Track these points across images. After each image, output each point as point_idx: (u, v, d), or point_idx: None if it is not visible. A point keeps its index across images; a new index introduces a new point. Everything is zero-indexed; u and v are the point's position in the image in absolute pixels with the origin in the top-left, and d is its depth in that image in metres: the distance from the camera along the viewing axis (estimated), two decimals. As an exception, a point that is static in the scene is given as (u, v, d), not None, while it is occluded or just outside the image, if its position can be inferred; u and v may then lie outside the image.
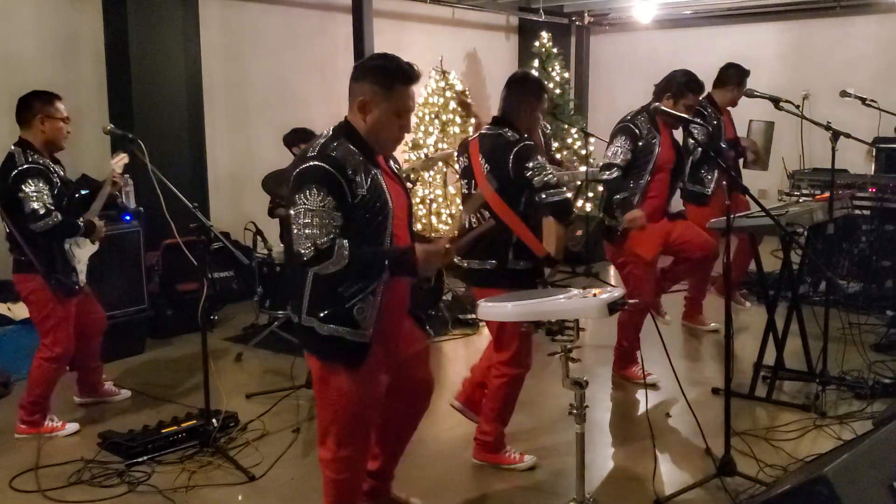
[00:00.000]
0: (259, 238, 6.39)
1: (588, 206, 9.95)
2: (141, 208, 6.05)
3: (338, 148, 2.80)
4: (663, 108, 3.87)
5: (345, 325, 2.86)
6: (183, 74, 7.18)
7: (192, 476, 4.00)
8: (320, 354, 2.94)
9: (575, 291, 2.94)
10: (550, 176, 3.75)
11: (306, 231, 2.72)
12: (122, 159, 4.79)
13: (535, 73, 4.27)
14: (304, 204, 2.72)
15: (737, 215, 4.66)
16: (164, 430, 4.33)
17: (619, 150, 4.94)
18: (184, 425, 4.39)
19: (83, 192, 4.82)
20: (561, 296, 2.89)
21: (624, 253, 5.05)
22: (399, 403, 3.29)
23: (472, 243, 3.38)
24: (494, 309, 2.91)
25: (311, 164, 2.76)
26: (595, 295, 2.79)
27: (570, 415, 2.94)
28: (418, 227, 8.27)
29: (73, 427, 4.61)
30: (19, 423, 4.55)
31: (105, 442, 4.31)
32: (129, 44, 6.77)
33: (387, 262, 2.80)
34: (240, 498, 3.83)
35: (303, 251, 2.73)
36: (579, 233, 8.72)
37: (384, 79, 2.85)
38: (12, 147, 4.46)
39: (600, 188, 10.35)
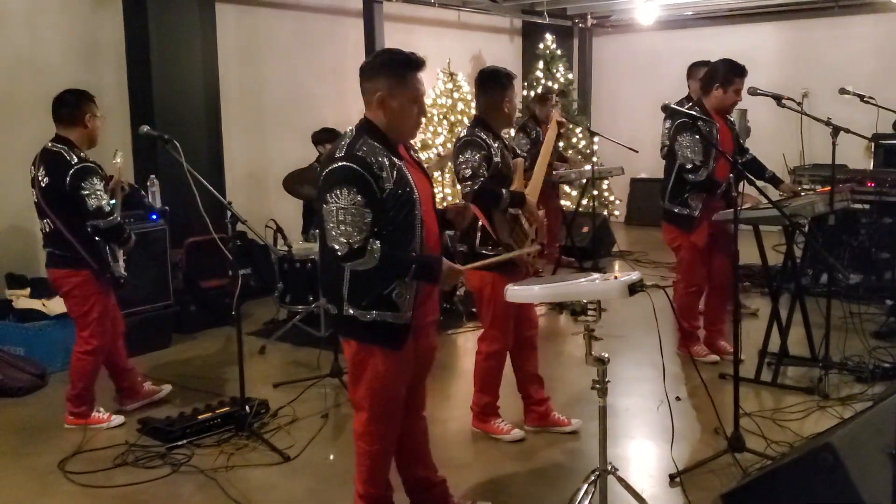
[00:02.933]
0: (279, 235, 6.59)
1: (595, 204, 10.19)
2: (167, 207, 6.26)
3: (363, 146, 2.96)
4: (673, 105, 4.08)
5: (387, 310, 3.04)
6: (201, 78, 7.40)
7: (231, 458, 4.22)
8: (362, 339, 3.11)
9: (596, 275, 3.15)
10: (466, 169, 4.06)
11: (340, 228, 2.90)
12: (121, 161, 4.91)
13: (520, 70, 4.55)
14: (336, 202, 2.90)
15: (742, 208, 4.89)
16: (200, 417, 4.54)
17: (695, 148, 5.24)
18: (218, 412, 4.61)
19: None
20: (583, 279, 3.10)
21: (682, 238, 5.49)
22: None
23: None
24: (522, 292, 3.13)
25: (340, 164, 2.93)
26: (616, 278, 3.00)
27: (592, 389, 3.14)
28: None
29: (118, 419, 4.76)
30: (68, 415, 4.72)
31: (145, 427, 4.53)
32: (150, 48, 7.00)
33: (413, 268, 3.01)
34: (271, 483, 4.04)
35: (337, 247, 2.92)
36: (585, 229, 8.93)
37: (396, 70, 3.02)
38: (53, 145, 4.53)
39: (605, 185, 10.65)
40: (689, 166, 5.30)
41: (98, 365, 4.76)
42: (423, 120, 3.19)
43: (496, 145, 4.19)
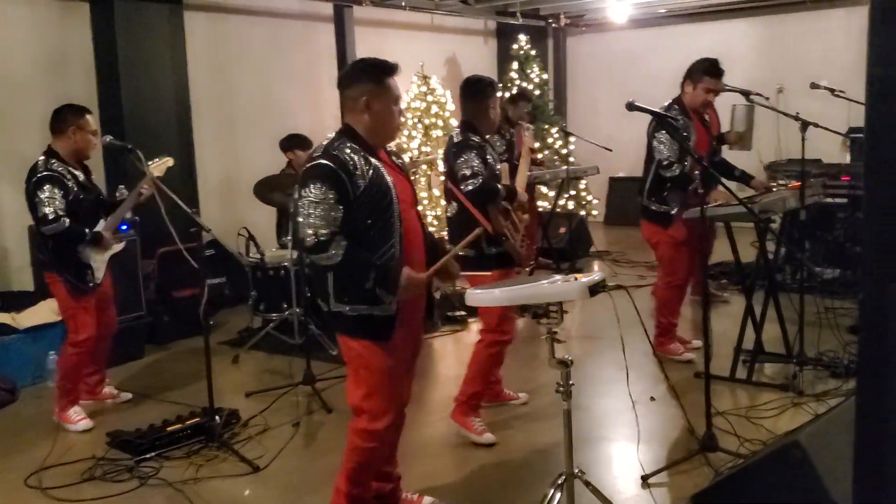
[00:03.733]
0: (252, 243, 6.55)
1: (571, 205, 10.20)
2: (137, 218, 6.19)
3: (340, 147, 3.10)
4: (636, 103, 4.06)
5: (371, 304, 3.12)
6: (171, 86, 7.34)
7: (200, 469, 4.17)
8: (352, 333, 3.20)
9: (558, 277, 3.13)
10: (466, 169, 4.27)
11: (310, 220, 3.03)
12: (164, 163, 5.07)
13: (491, 75, 4.73)
14: (309, 196, 3.03)
15: (711, 205, 4.89)
16: (169, 428, 4.49)
17: (669, 145, 5.29)
18: (188, 423, 4.56)
19: (105, 198, 5.16)
20: (545, 281, 3.08)
21: (660, 234, 5.52)
22: None
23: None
24: (483, 295, 3.11)
25: (317, 162, 3.08)
26: (576, 279, 2.98)
27: (556, 392, 3.12)
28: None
29: (85, 424, 4.83)
30: (55, 407, 4.94)
31: (114, 440, 4.47)
32: (118, 58, 6.94)
33: (373, 275, 3.07)
34: (247, 493, 3.99)
35: (306, 238, 3.05)
36: (562, 230, 8.92)
37: (374, 76, 3.19)
38: (41, 156, 4.76)
39: (582, 185, 10.65)
40: (664, 163, 5.30)
41: (82, 359, 4.91)
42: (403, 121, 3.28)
43: (486, 148, 4.45)
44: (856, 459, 1.63)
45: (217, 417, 4.50)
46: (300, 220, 3.08)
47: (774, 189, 5.51)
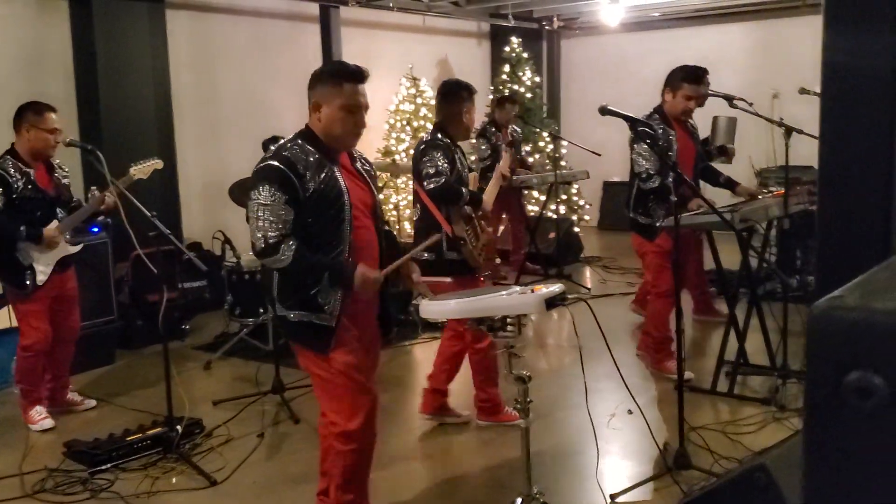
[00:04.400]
0: (228, 246, 6.43)
1: (563, 209, 10.04)
2: (109, 220, 6.07)
3: (292, 148, 3.05)
4: (609, 107, 3.93)
5: (310, 311, 3.07)
6: (151, 87, 7.22)
7: (155, 482, 4.04)
8: (294, 339, 3.20)
9: (516, 288, 2.99)
10: (430, 167, 4.26)
11: (258, 223, 2.98)
12: (151, 165, 5.04)
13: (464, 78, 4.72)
14: (258, 199, 2.99)
15: (688, 213, 4.77)
16: (129, 438, 4.36)
17: (648, 156, 5.13)
18: (149, 433, 4.42)
19: (75, 200, 5.09)
20: (503, 292, 2.95)
21: (647, 245, 5.40)
22: None
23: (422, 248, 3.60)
24: (437, 307, 2.98)
25: (266, 163, 3.04)
26: (533, 291, 2.84)
27: (513, 409, 2.99)
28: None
29: (47, 424, 4.81)
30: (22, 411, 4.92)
31: (70, 451, 4.34)
32: (97, 57, 6.82)
33: (326, 274, 3.04)
34: None
35: (255, 242, 3.02)
36: (552, 235, 8.78)
37: (333, 78, 3.13)
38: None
39: (574, 189, 10.51)
40: (643, 175, 5.17)
41: (33, 362, 4.82)
42: (362, 130, 3.22)
43: (455, 153, 4.41)
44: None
45: (178, 428, 4.36)
46: (250, 223, 3.04)
47: (760, 197, 5.37)
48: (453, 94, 4.49)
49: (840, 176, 1.77)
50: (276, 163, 3.01)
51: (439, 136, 4.42)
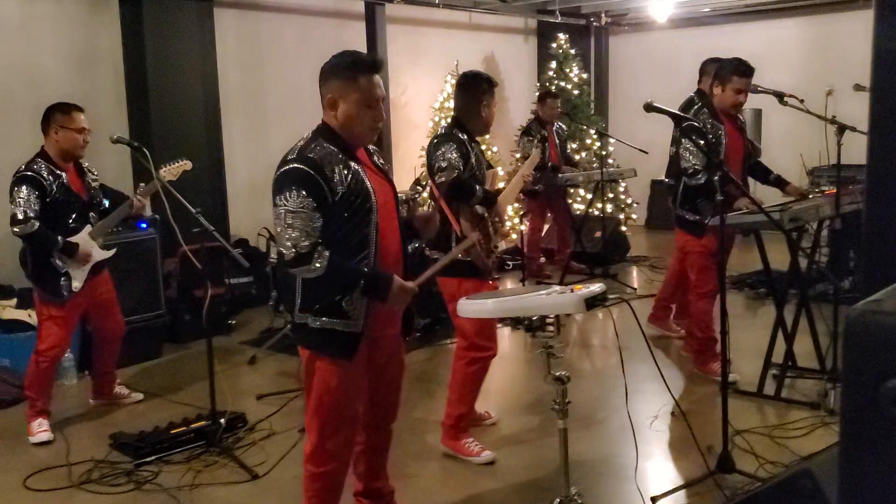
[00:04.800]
0: (273, 243, 6.48)
1: (609, 208, 9.94)
2: (157, 216, 6.17)
3: (315, 149, 2.87)
4: (655, 104, 3.87)
5: (337, 318, 2.93)
6: (200, 84, 7.30)
7: (198, 475, 4.09)
8: (313, 347, 3.01)
9: (556, 288, 2.96)
10: (442, 161, 4.03)
11: (288, 232, 2.81)
12: (180, 166, 4.96)
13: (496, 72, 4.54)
14: (285, 205, 2.81)
15: (734, 213, 4.68)
16: (173, 431, 4.43)
17: (695, 152, 5.02)
18: (193, 426, 4.49)
19: (105, 203, 5.03)
20: (542, 292, 2.91)
21: (693, 243, 5.30)
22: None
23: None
24: (475, 306, 2.95)
25: (291, 166, 2.85)
26: (574, 291, 2.81)
27: (552, 410, 2.96)
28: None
29: (43, 437, 4.62)
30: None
31: (115, 443, 4.42)
32: (147, 56, 6.91)
33: (362, 283, 2.89)
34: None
35: (284, 252, 2.84)
36: (598, 234, 8.70)
37: (347, 72, 2.93)
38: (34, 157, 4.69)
39: (621, 188, 10.39)
40: (690, 171, 5.09)
41: (44, 369, 4.73)
42: (381, 124, 3.04)
43: (471, 148, 4.16)
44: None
45: (222, 421, 4.41)
46: (278, 232, 2.87)
47: (811, 196, 5.25)
48: (471, 86, 4.21)
49: (889, 172, 1.71)
50: (302, 165, 2.83)
51: (455, 129, 4.17)
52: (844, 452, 1.06)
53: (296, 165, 2.84)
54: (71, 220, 4.70)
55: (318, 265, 2.80)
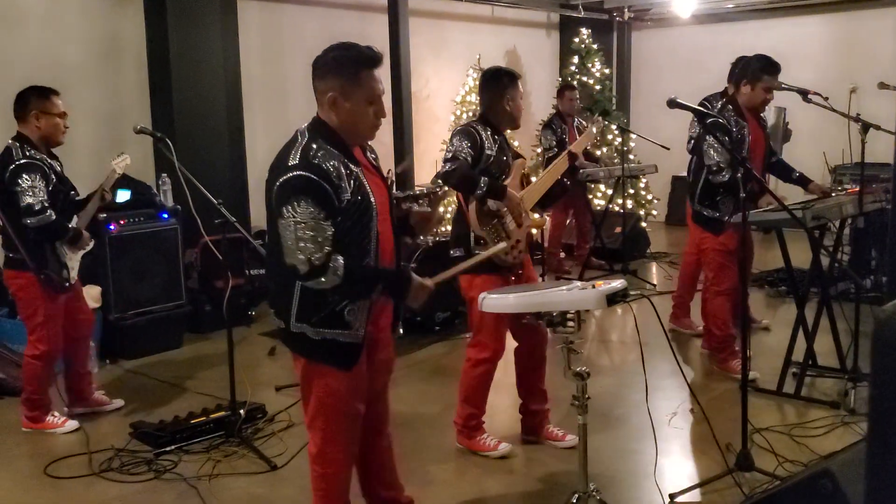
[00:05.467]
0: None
1: (630, 204, 9.90)
2: (178, 206, 6.20)
3: (318, 152, 2.74)
4: (678, 100, 3.84)
5: (337, 328, 2.84)
6: (222, 76, 7.33)
7: (217, 465, 4.12)
8: (313, 358, 2.90)
9: (577, 284, 2.95)
10: (448, 152, 4.03)
11: (300, 244, 2.66)
12: (123, 160, 4.78)
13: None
14: (294, 217, 2.66)
15: (757, 210, 4.65)
16: (193, 421, 4.46)
17: (719, 149, 4.97)
18: (212, 416, 4.52)
19: (74, 195, 4.75)
20: (563, 287, 2.91)
21: (711, 240, 5.28)
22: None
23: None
24: (497, 301, 2.96)
25: (295, 174, 2.69)
26: (595, 287, 2.80)
27: (572, 405, 2.95)
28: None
29: (72, 425, 4.64)
30: (23, 418, 4.67)
31: (136, 432, 4.46)
32: (170, 47, 6.94)
33: (380, 286, 2.84)
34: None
35: (297, 265, 2.68)
36: (618, 230, 8.67)
37: (348, 69, 2.78)
38: (10, 141, 4.45)
39: (642, 184, 10.35)
40: (714, 168, 5.05)
41: (48, 370, 4.65)
42: (382, 121, 2.92)
43: (493, 141, 4.12)
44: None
45: (241, 412, 4.44)
46: (288, 245, 2.68)
47: (833, 194, 5.21)
48: (493, 81, 4.19)
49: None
50: (307, 173, 2.67)
51: (475, 123, 4.16)
52: (872, 452, 1.05)
53: (300, 173, 2.68)
54: (64, 209, 4.55)
55: (335, 276, 2.69)
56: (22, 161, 4.35)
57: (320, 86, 2.81)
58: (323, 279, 2.69)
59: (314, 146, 2.74)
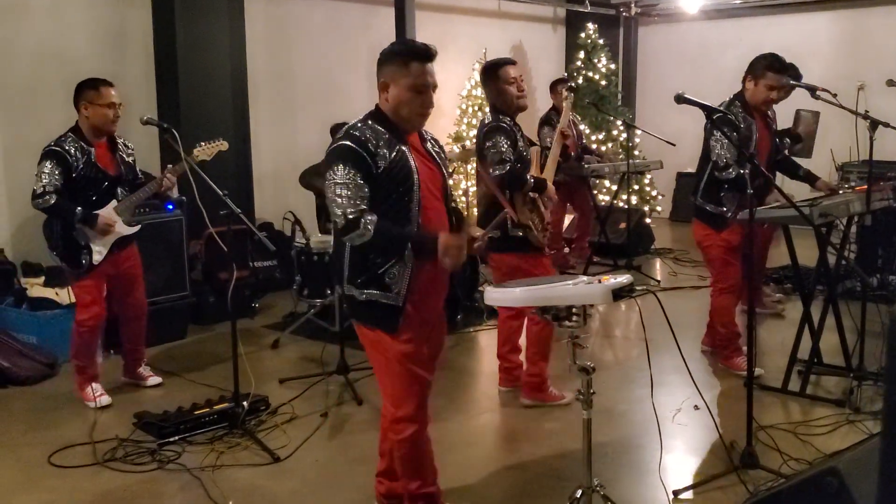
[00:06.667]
0: (297, 227, 6.49)
1: (634, 200, 9.89)
2: (183, 198, 6.20)
3: (361, 127, 3.06)
4: (685, 95, 3.83)
5: (379, 290, 3.08)
6: (228, 68, 7.32)
7: (220, 456, 4.12)
8: (360, 319, 3.18)
9: (583, 278, 2.94)
10: (494, 154, 4.33)
11: (337, 200, 2.99)
12: (216, 146, 5.06)
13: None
14: (334, 178, 3.01)
15: (763, 207, 4.64)
16: (196, 412, 4.45)
17: (726, 144, 4.94)
18: (216, 407, 4.51)
19: (138, 180, 5.04)
20: (569, 282, 2.90)
21: (713, 237, 5.26)
22: None
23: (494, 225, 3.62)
24: (502, 294, 2.96)
25: (339, 143, 3.05)
26: (601, 281, 2.79)
27: (577, 400, 2.95)
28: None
29: (104, 401, 4.85)
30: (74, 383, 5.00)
31: (140, 422, 4.46)
32: (177, 38, 6.93)
33: (409, 244, 3.04)
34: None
35: (336, 220, 3.03)
36: (622, 225, 8.66)
37: (400, 58, 3.08)
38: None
39: (647, 179, 10.33)
40: (720, 164, 5.03)
41: (87, 338, 4.89)
42: (430, 111, 3.18)
43: (516, 129, 4.44)
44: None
45: (244, 404, 4.44)
46: (329, 204, 3.06)
47: (841, 192, 5.19)
48: (490, 72, 4.52)
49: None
50: (347, 142, 3.03)
51: (500, 116, 4.43)
52: (885, 450, 1.04)
53: (342, 143, 3.04)
54: (95, 196, 4.75)
55: (366, 230, 2.95)
56: (49, 148, 4.68)
57: (378, 75, 3.13)
58: (356, 234, 2.97)
59: (360, 124, 3.09)
